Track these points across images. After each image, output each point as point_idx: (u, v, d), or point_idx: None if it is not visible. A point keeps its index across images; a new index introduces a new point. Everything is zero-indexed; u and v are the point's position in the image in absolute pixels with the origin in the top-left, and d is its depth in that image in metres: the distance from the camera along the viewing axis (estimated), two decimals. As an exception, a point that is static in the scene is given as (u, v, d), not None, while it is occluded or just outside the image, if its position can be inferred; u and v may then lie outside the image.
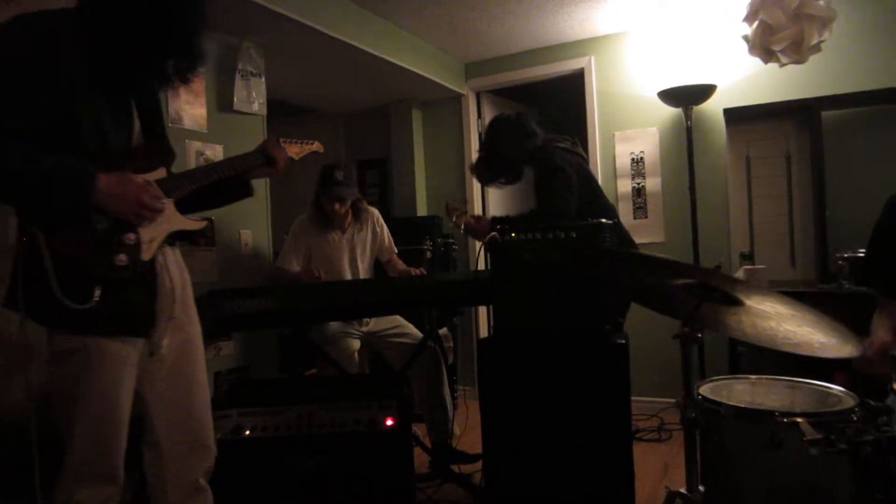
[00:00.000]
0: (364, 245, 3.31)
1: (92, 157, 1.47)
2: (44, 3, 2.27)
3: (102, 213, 1.47)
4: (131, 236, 1.52)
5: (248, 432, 2.21)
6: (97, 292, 1.43)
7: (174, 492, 1.70)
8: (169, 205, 1.63)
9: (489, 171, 3.02)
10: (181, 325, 1.73)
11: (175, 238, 1.69)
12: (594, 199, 2.88)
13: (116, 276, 1.48)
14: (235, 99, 3.16)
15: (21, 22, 1.44)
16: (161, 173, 1.66)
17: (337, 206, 3.13)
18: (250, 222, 3.28)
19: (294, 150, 2.12)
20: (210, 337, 2.97)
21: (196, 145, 2.95)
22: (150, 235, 1.57)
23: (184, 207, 1.69)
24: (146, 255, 1.56)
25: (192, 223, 1.72)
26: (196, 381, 1.77)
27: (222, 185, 1.82)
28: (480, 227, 2.78)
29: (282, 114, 4.29)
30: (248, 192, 2.00)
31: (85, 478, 1.51)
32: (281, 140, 2.04)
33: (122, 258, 1.49)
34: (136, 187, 1.52)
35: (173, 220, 1.65)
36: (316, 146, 2.24)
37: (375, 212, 3.42)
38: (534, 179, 2.87)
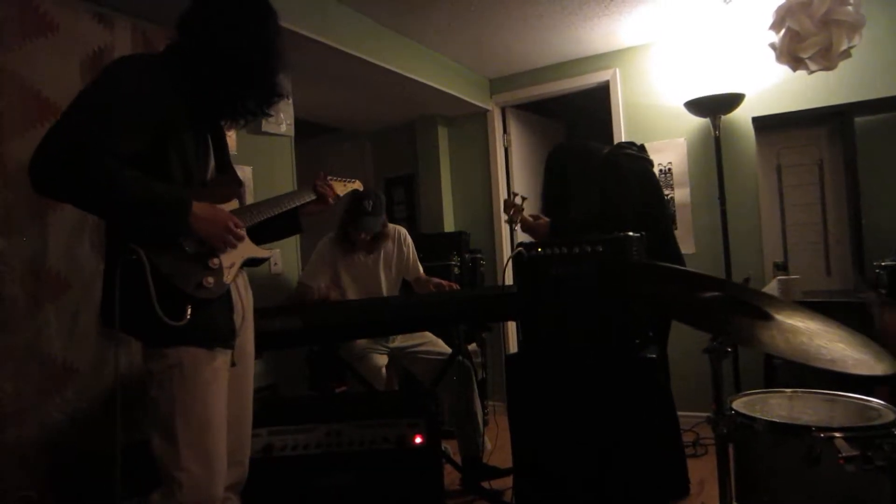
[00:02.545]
0: (390, 263, 3.34)
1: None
2: (83, 36, 2.36)
3: (189, 238, 1.56)
4: (215, 261, 1.62)
5: (278, 451, 2.22)
6: (189, 310, 1.52)
7: None
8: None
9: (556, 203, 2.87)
10: (243, 343, 1.81)
11: (245, 264, 1.79)
12: (656, 205, 2.82)
13: (204, 297, 1.57)
14: (264, 121, 3.22)
15: (126, 61, 1.60)
16: (234, 204, 1.77)
17: (363, 235, 3.17)
18: (279, 243, 3.32)
19: (339, 188, 2.20)
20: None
21: (226, 167, 3.00)
22: (231, 261, 1.67)
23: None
24: (228, 279, 1.66)
25: (263, 251, 1.83)
26: (246, 400, 1.85)
27: (275, 219, 1.91)
28: (539, 226, 2.75)
29: (309, 133, 4.35)
30: (298, 228, 2.08)
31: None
32: (327, 177, 2.11)
33: (210, 280, 1.59)
34: (224, 215, 1.63)
35: (248, 247, 1.76)
36: (357, 184, 2.34)
37: (403, 230, 3.44)
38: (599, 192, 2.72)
